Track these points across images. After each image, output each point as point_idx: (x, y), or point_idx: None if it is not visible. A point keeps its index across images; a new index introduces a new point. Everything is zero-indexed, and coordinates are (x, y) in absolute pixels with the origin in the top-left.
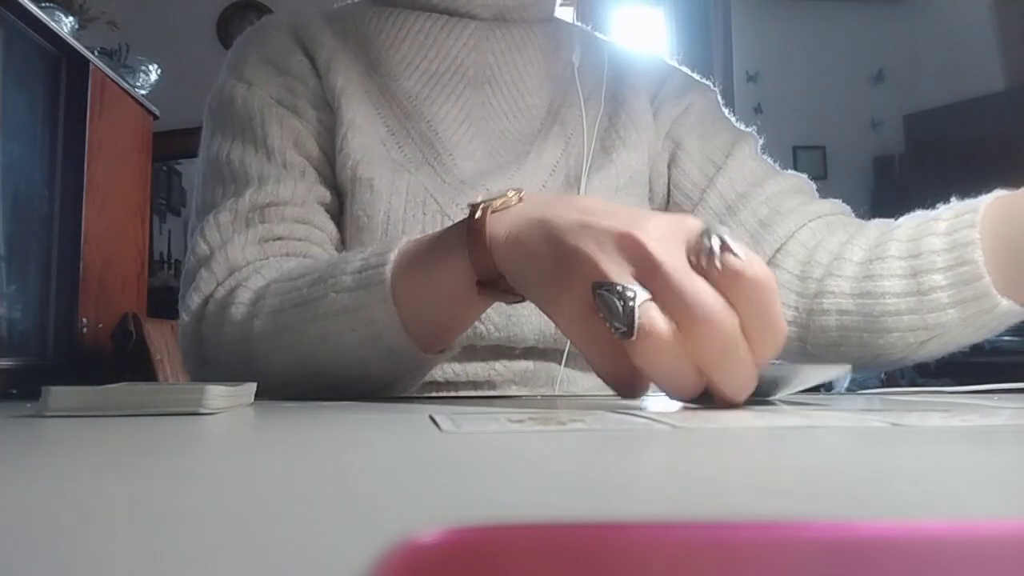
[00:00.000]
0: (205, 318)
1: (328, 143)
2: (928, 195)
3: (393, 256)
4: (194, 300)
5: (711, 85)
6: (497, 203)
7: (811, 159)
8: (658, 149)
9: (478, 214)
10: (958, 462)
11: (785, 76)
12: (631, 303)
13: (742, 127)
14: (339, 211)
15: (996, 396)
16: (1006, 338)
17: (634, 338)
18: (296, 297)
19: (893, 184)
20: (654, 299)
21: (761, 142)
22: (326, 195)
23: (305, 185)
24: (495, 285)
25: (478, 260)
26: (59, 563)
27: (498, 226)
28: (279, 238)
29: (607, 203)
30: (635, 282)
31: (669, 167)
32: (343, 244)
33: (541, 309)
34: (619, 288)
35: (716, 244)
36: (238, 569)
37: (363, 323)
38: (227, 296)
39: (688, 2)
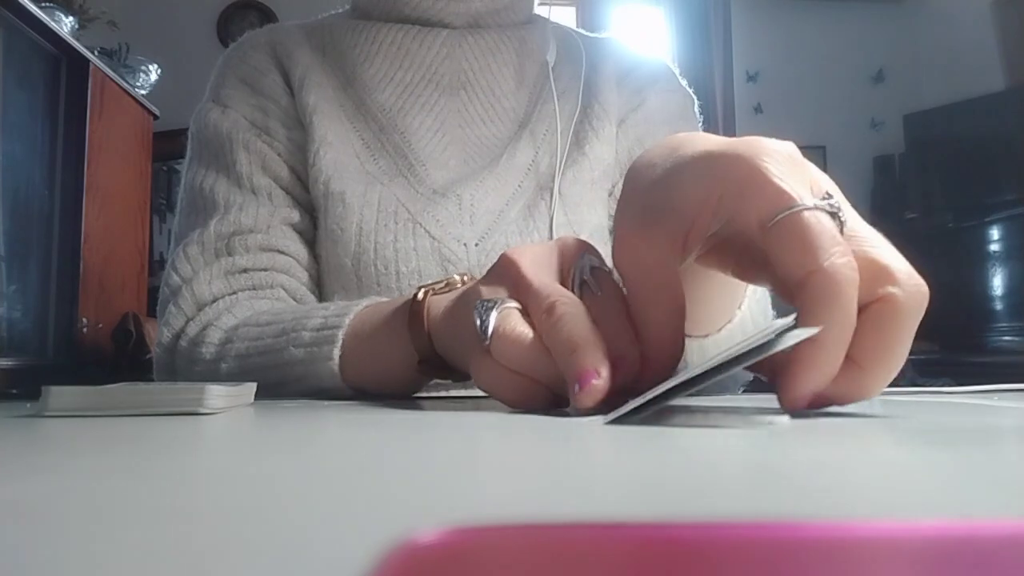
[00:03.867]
0: (177, 353)
1: (300, 161)
2: (928, 195)
3: (349, 320)
4: (164, 335)
5: (680, 83)
6: (439, 286)
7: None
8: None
9: (419, 295)
10: (958, 462)
11: (785, 76)
12: (491, 308)
13: (699, 130)
14: (312, 228)
15: (996, 396)
16: (1006, 338)
17: (488, 340)
18: (261, 345)
19: (893, 184)
20: (524, 312)
21: None
22: (293, 215)
23: (270, 209)
24: (435, 363)
25: (418, 342)
26: (59, 563)
27: (436, 307)
28: (244, 270)
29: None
30: (506, 297)
31: None
32: (318, 259)
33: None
34: (486, 301)
35: (588, 266)
36: (238, 569)
37: (312, 378)
38: (198, 334)
39: (688, 2)
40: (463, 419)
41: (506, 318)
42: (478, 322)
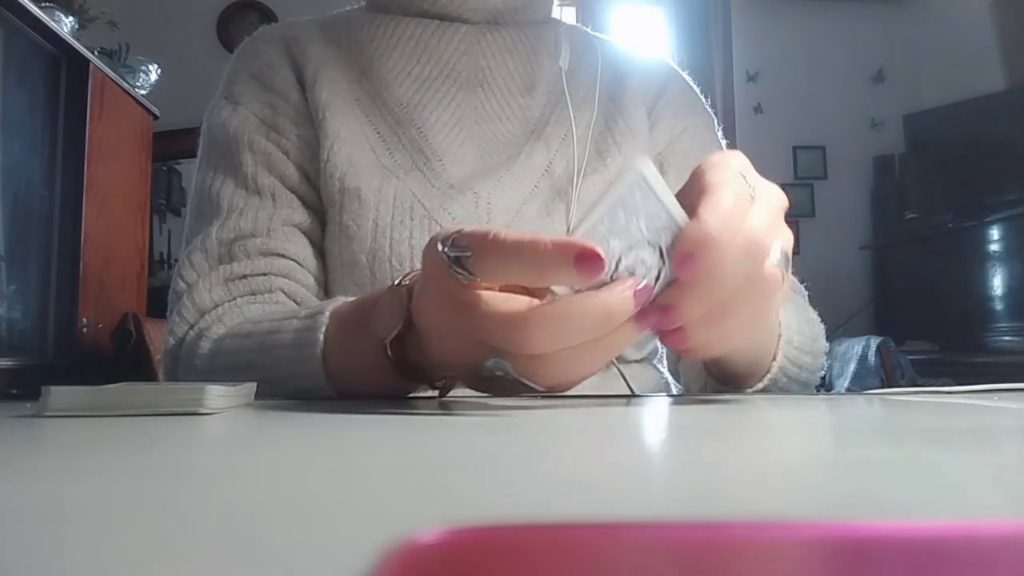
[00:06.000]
0: (180, 360)
1: (309, 159)
2: (928, 195)
3: (321, 335)
4: (169, 342)
5: (705, 102)
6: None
7: (811, 159)
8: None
9: (388, 349)
10: (958, 462)
11: (785, 76)
12: (451, 252)
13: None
14: (319, 227)
15: (996, 396)
16: (1006, 338)
17: (467, 267)
18: (244, 360)
19: (893, 184)
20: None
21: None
22: (297, 216)
23: (271, 211)
24: (419, 377)
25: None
26: (59, 563)
27: (416, 349)
28: (243, 276)
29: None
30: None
31: None
32: (329, 256)
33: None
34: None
35: (452, 246)
36: (238, 569)
37: (301, 392)
38: (193, 343)
39: (688, 2)
40: (463, 419)
41: (471, 236)
42: (446, 263)
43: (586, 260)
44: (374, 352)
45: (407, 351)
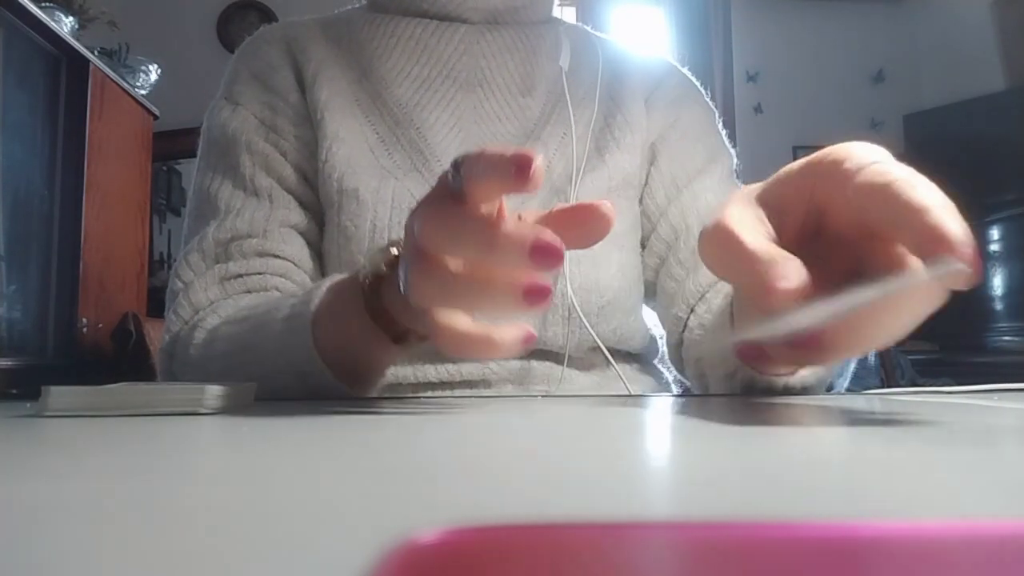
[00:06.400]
0: (175, 356)
1: (308, 159)
2: None
3: (314, 306)
4: (165, 339)
5: (706, 96)
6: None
7: None
8: (645, 154)
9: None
10: (958, 462)
11: (785, 76)
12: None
13: (726, 143)
14: (316, 228)
15: (996, 396)
16: (1006, 338)
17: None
18: (240, 342)
19: None
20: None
21: (736, 164)
22: (294, 217)
23: (267, 212)
24: (403, 336)
25: (379, 318)
26: (59, 563)
27: (397, 305)
28: (239, 276)
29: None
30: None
31: (646, 178)
32: (327, 256)
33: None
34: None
35: (456, 174)
36: (238, 569)
37: (291, 367)
38: (187, 335)
39: (688, 2)
40: (462, 419)
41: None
42: (449, 173)
43: (517, 165)
44: (357, 311)
45: (383, 298)
